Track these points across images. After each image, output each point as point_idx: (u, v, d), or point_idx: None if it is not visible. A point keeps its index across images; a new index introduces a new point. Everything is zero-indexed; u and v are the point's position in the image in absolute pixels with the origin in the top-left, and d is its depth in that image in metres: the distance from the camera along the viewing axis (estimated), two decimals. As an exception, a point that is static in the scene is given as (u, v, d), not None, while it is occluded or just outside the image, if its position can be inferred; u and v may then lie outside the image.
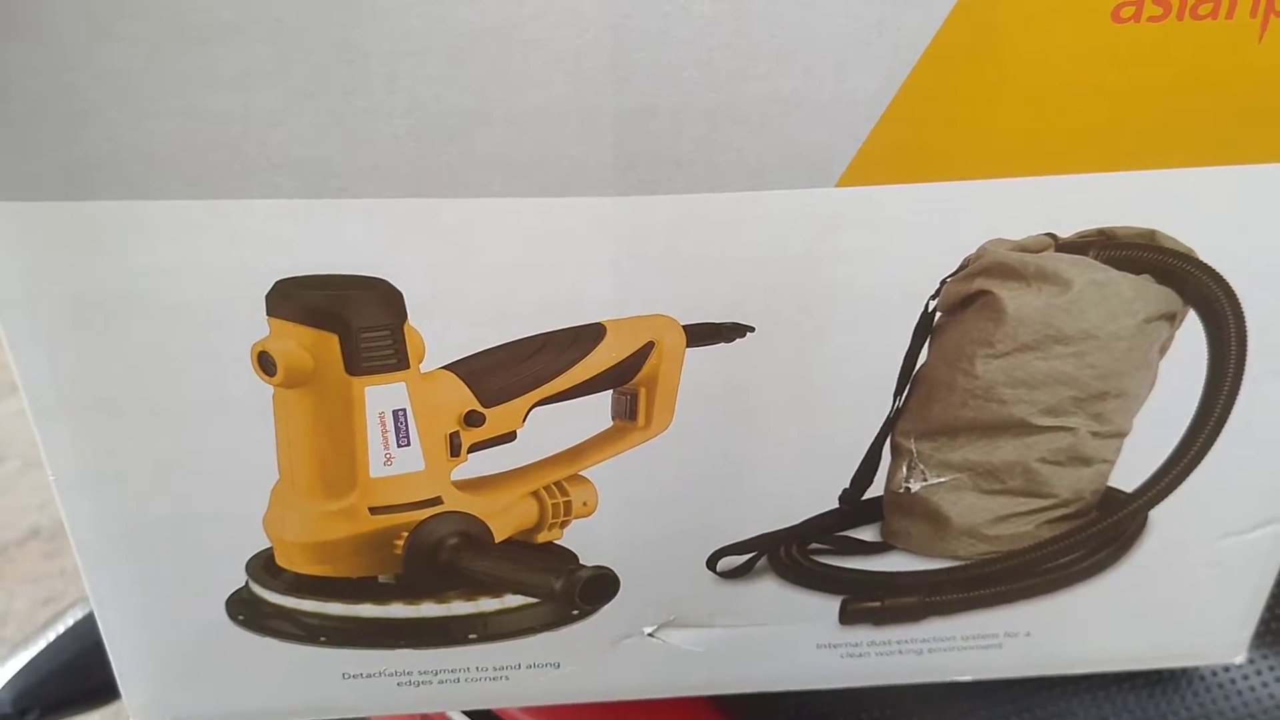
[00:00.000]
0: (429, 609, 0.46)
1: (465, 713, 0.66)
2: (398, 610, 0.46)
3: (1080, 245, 0.39)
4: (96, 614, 0.45)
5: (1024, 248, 0.39)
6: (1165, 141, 0.37)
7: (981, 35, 0.34)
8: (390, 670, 0.48)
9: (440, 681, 0.48)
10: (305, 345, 0.39)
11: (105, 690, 0.49)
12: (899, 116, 0.35)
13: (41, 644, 0.69)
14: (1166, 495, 0.46)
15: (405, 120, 0.34)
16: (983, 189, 0.37)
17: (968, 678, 0.51)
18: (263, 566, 0.44)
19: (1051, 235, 0.39)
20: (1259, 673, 0.56)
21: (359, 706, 0.50)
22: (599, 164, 0.36)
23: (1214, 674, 0.56)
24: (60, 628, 0.70)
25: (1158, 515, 0.47)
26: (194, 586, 0.44)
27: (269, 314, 0.38)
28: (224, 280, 0.37)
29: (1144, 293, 0.41)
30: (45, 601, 1.58)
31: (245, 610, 0.45)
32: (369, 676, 0.48)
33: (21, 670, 0.67)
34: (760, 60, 0.34)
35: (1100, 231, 0.39)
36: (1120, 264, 0.40)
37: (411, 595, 0.45)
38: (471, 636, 0.47)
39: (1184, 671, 0.56)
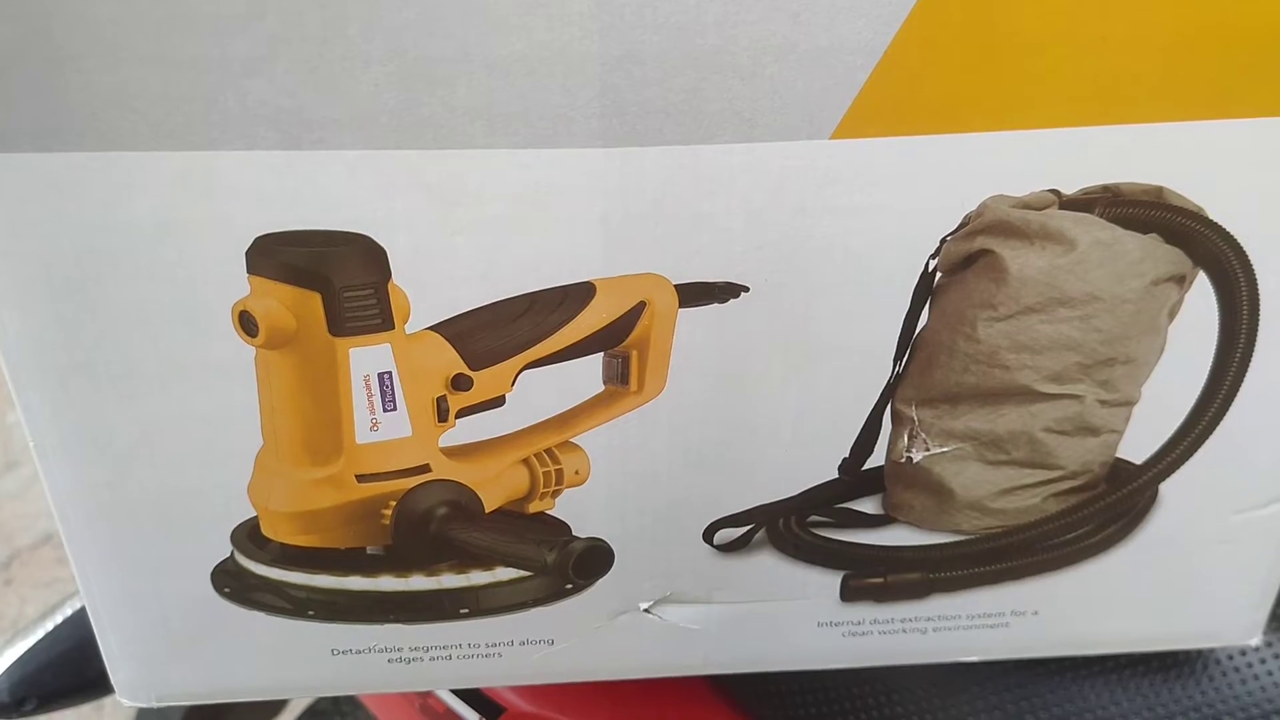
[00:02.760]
0: (419, 582, 0.45)
1: (455, 694, 0.65)
2: (387, 583, 0.45)
3: (1085, 202, 0.38)
4: (81, 588, 0.44)
5: (1027, 205, 0.38)
6: (1172, 93, 0.36)
7: (979, -23, 0.33)
8: (380, 646, 0.47)
9: (432, 658, 0.47)
10: (287, 304, 0.38)
11: (102, 681, 0.48)
12: (895, 65, 0.34)
13: (40, 633, 0.69)
14: (1177, 468, 0.45)
15: (383, 68, 0.33)
16: (983, 142, 0.36)
17: (974, 658, 0.50)
18: (248, 537, 0.43)
19: (1055, 192, 0.38)
20: (1277, 656, 0.54)
21: (349, 684, 0.49)
22: (585, 114, 0.35)
23: (1230, 658, 0.55)
24: (59, 617, 0.70)
25: (1168, 489, 0.45)
26: (178, 558, 0.43)
27: (249, 271, 0.37)
28: (203, 236, 0.36)
29: (1151, 253, 0.39)
30: (58, 607, 1.58)
31: (231, 582, 0.44)
32: (359, 652, 0.47)
33: (19, 659, 0.67)
34: (750, 5, 0.33)
35: (1105, 188, 0.38)
36: (1126, 222, 0.39)
37: (401, 567, 0.44)
38: (463, 611, 0.46)
39: (1199, 656, 0.55)
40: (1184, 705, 0.54)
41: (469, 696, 0.65)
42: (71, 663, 0.67)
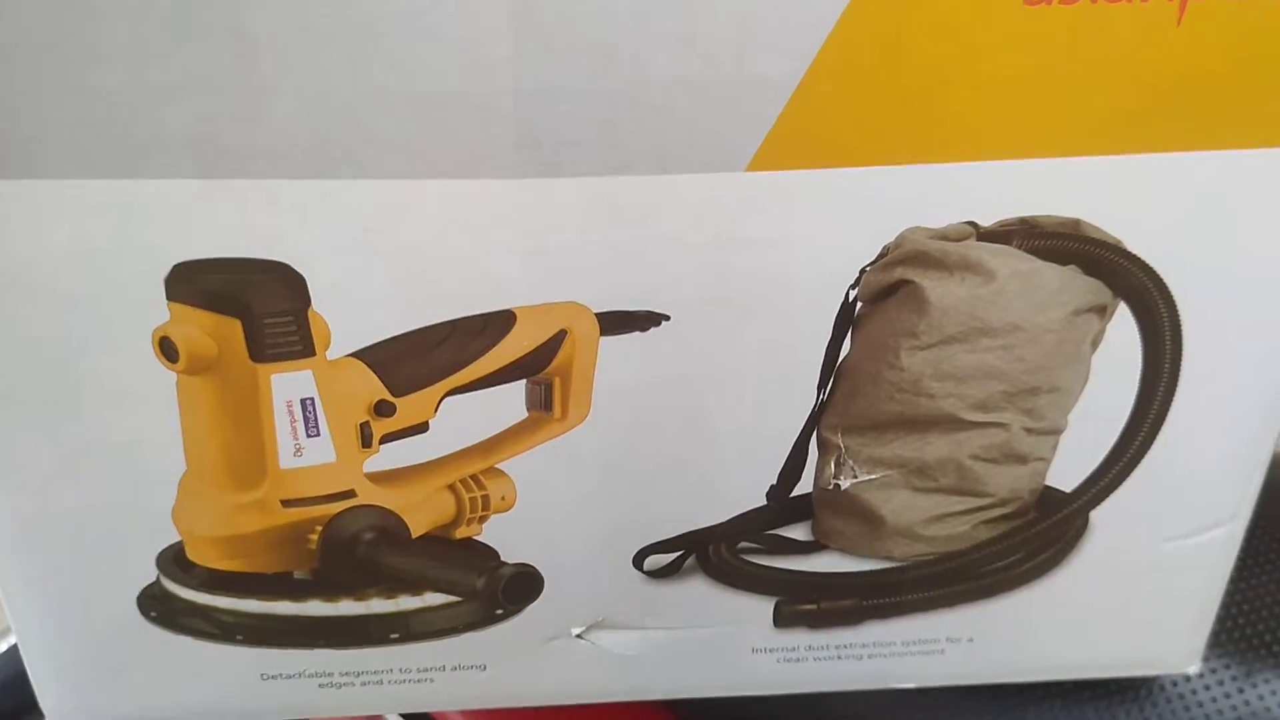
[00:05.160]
0: (348, 607, 0.45)
1: (403, 716, 0.65)
2: (315, 608, 0.45)
3: (1003, 234, 0.38)
4: (8, 614, 0.44)
5: (945, 236, 0.38)
6: (1084, 128, 0.36)
7: (890, 16, 0.33)
8: (311, 671, 0.47)
9: (363, 683, 0.47)
10: (207, 330, 0.38)
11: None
12: (808, 99, 0.34)
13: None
14: (1106, 496, 0.44)
15: (298, 101, 0.33)
16: (899, 175, 0.36)
17: (910, 685, 0.50)
18: (174, 561, 0.43)
19: (972, 224, 0.38)
20: (1220, 683, 0.54)
21: (280, 708, 0.48)
22: (501, 145, 0.35)
23: (1174, 684, 0.55)
24: (12, 639, 0.69)
25: (1099, 517, 0.45)
26: (104, 581, 0.43)
27: (169, 298, 0.37)
28: (122, 263, 0.36)
29: (1071, 284, 0.39)
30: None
31: (157, 606, 0.44)
32: (289, 677, 0.47)
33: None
34: (660, 45, 0.33)
35: (1023, 220, 0.38)
36: (1045, 254, 0.39)
37: (329, 592, 0.44)
38: (393, 636, 0.46)
39: (1144, 682, 0.54)
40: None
41: (416, 716, 0.65)
42: (23, 685, 0.66)
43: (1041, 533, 0.45)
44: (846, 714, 0.56)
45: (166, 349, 0.38)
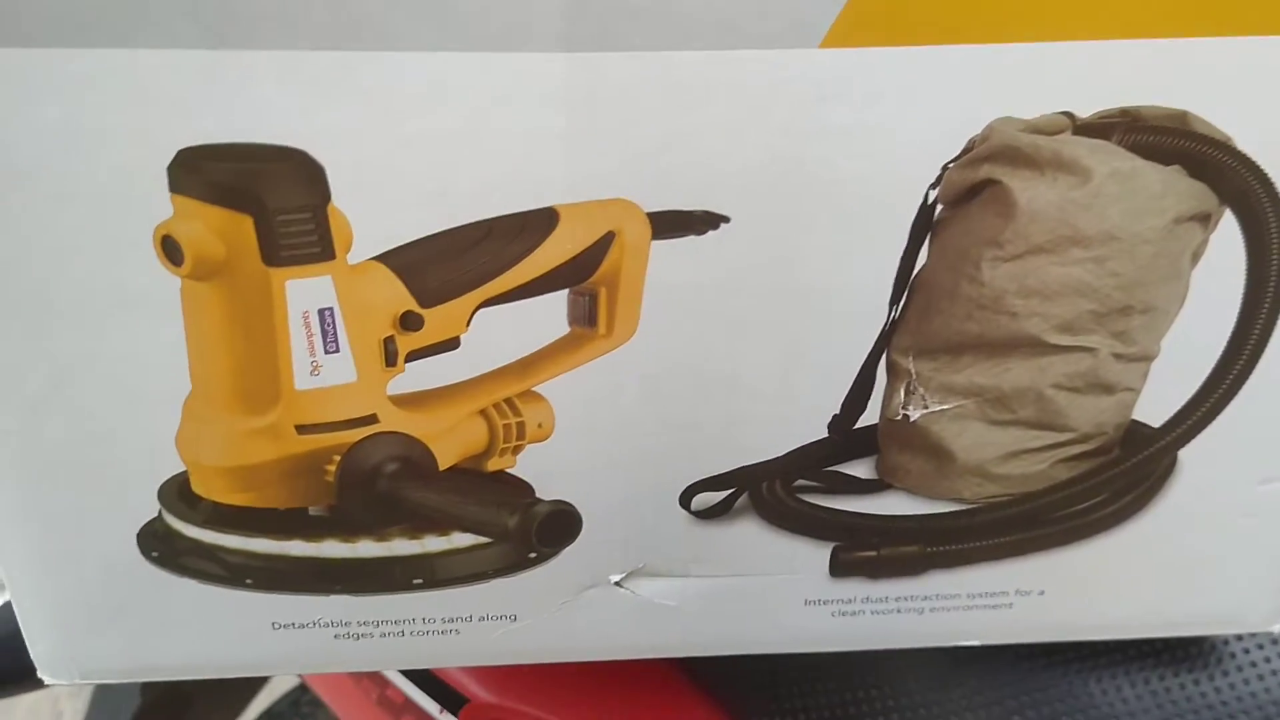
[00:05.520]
0: (367, 548, 0.41)
1: (414, 683, 0.61)
2: (332, 549, 0.41)
3: (1102, 128, 0.34)
4: (-4, 549, 0.40)
5: (1037, 129, 0.34)
6: (1196, 3, 0.32)
7: None
8: (326, 620, 0.43)
9: (383, 635, 0.44)
10: (215, 229, 0.34)
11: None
12: (893, -39, 0.31)
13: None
14: (1198, 432, 0.41)
15: (318, -49, 0.30)
16: (990, 55, 0.33)
17: (975, 642, 0.46)
18: (178, 494, 0.40)
19: (1069, 115, 0.34)
20: None
21: (292, 661, 0.45)
22: (545, 12, 0.31)
23: (1246, 651, 0.51)
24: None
25: (1189, 456, 0.42)
26: (100, 517, 0.40)
27: (172, 190, 0.34)
28: (118, 148, 0.33)
29: (1174, 187, 0.36)
30: None
31: (160, 545, 0.41)
32: (302, 626, 0.43)
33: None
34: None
35: (1124, 112, 0.34)
36: (1147, 151, 0.35)
37: (347, 531, 0.41)
38: (416, 581, 0.42)
39: (1211, 649, 0.51)
40: (1195, 703, 0.51)
41: (429, 686, 0.61)
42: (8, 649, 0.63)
43: (1125, 472, 0.42)
44: (885, 676, 0.53)
45: (169, 249, 0.34)
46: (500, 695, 0.60)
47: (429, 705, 0.63)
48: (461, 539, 0.42)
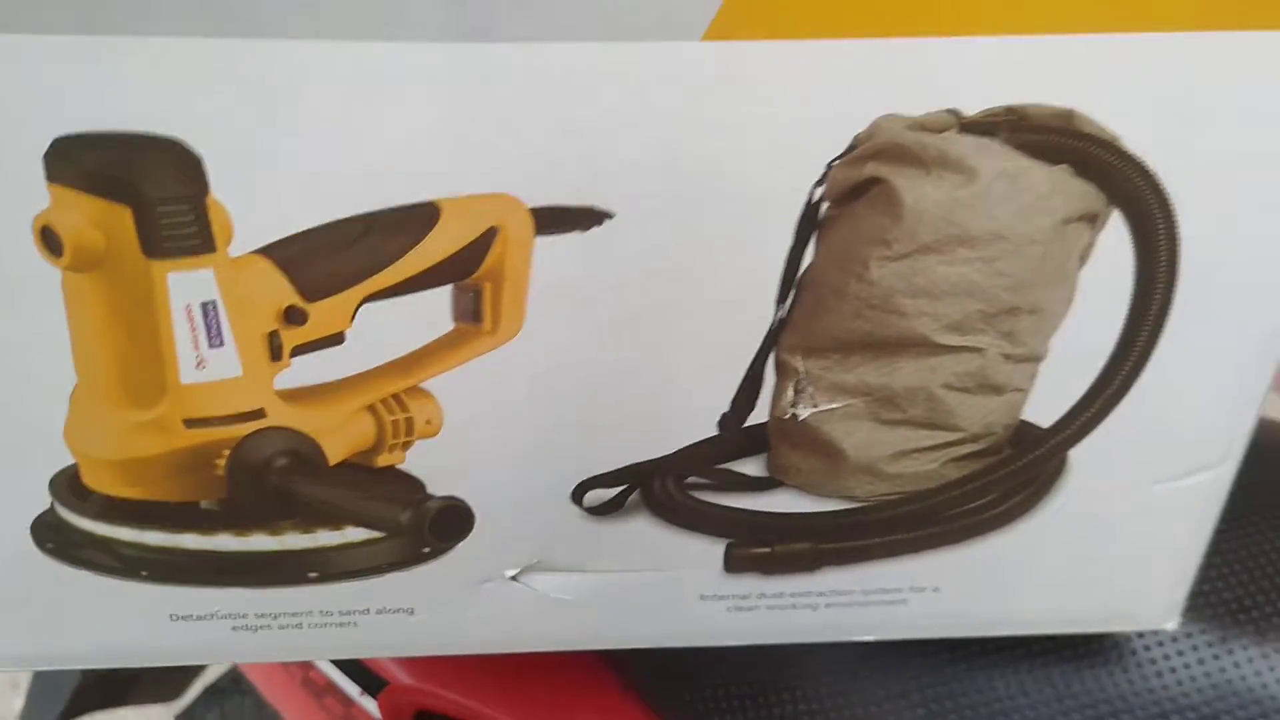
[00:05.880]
0: (260, 541, 0.41)
1: (337, 666, 0.62)
2: (225, 542, 0.41)
3: (987, 126, 0.35)
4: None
5: (923, 126, 0.34)
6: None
7: None
8: (224, 612, 0.43)
9: (281, 626, 0.44)
10: (94, 219, 0.34)
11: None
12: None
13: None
14: (1088, 432, 0.42)
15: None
16: (874, 50, 0.33)
17: (870, 637, 0.47)
18: (69, 486, 0.40)
19: (954, 112, 0.34)
20: (1195, 648, 0.52)
21: (191, 652, 0.45)
22: (425, 2, 0.31)
23: (1146, 648, 0.52)
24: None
25: (1079, 456, 0.42)
26: (-11, 508, 0.39)
27: (49, 179, 0.33)
28: (-8, 135, 0.32)
29: (1061, 187, 0.36)
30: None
31: (53, 537, 0.41)
32: (200, 618, 0.43)
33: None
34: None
35: (1010, 110, 0.34)
36: (1034, 150, 0.35)
37: (240, 525, 0.41)
38: (311, 575, 0.42)
39: (1114, 645, 0.52)
40: (1095, 696, 0.52)
41: (350, 669, 0.63)
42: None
43: (1016, 472, 0.42)
44: (799, 671, 0.53)
45: (49, 240, 0.34)
46: (418, 679, 0.61)
47: (350, 688, 0.64)
48: (355, 533, 0.42)
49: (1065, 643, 0.53)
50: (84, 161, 0.33)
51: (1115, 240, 0.38)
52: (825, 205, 0.36)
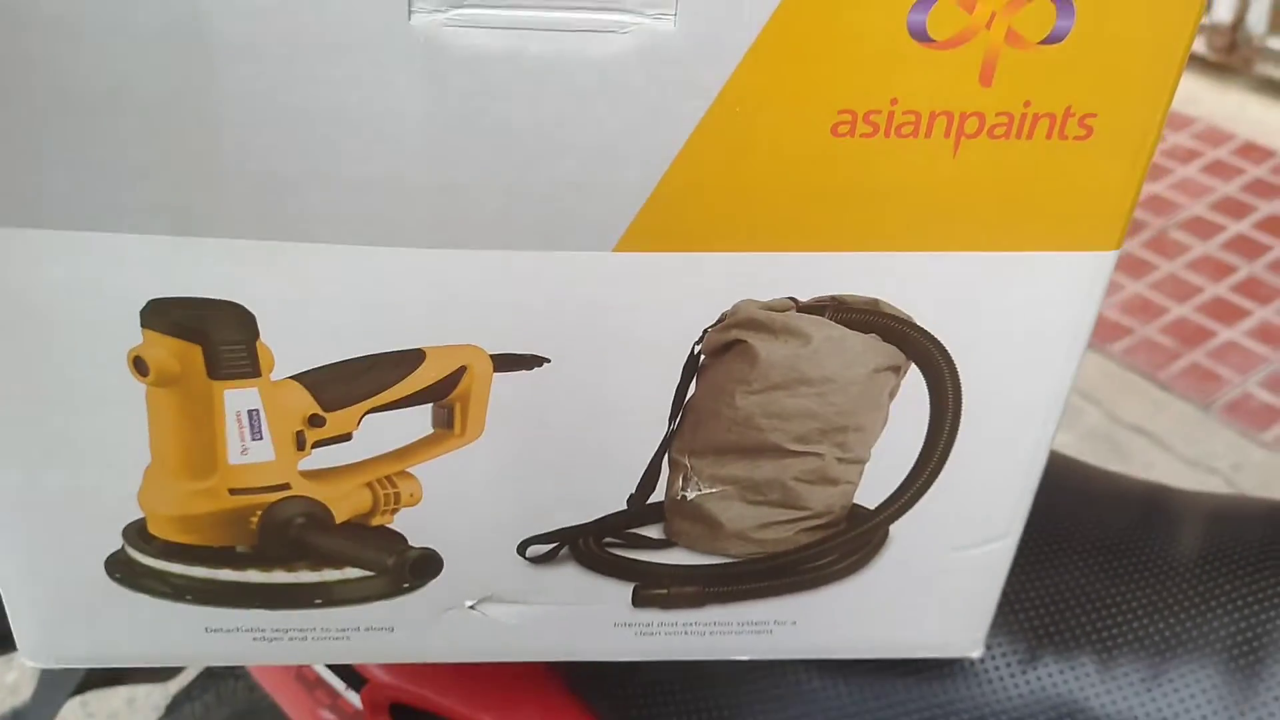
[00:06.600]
0: (279, 576, 0.53)
1: (327, 665, 0.74)
2: (253, 576, 0.53)
3: (817, 308, 0.48)
4: (-3, 570, 0.52)
5: (771, 307, 0.47)
6: (880, 229, 0.45)
7: (725, 142, 0.42)
8: (247, 627, 0.56)
9: (290, 639, 0.56)
10: (173, 353, 0.47)
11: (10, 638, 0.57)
12: (662, 199, 0.44)
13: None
14: (903, 513, 0.53)
15: (251, 180, 0.42)
16: (736, 259, 0.45)
17: (745, 657, 0.60)
18: (138, 533, 0.52)
19: (793, 299, 0.47)
20: (1009, 664, 0.63)
21: (221, 656, 0.58)
22: (415, 223, 0.43)
23: (972, 665, 0.64)
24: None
25: (897, 529, 0.53)
26: (78, 548, 0.52)
27: (143, 326, 0.45)
28: (106, 297, 0.45)
29: (872, 348, 0.49)
30: None
31: (122, 570, 0.53)
32: (228, 631, 0.56)
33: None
34: (547, 152, 0.42)
35: (833, 298, 0.47)
36: (851, 324, 0.48)
37: (265, 564, 0.53)
38: (317, 601, 0.54)
39: (949, 661, 0.65)
40: (929, 701, 0.64)
41: (338, 668, 0.75)
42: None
43: (850, 540, 0.54)
44: (702, 671, 0.66)
45: (139, 366, 0.47)
46: (394, 677, 0.73)
47: (336, 683, 0.77)
48: (352, 572, 0.54)
49: (909, 662, 0.66)
50: (170, 315, 0.46)
51: (914, 380, 0.52)
52: (703, 357, 0.50)
